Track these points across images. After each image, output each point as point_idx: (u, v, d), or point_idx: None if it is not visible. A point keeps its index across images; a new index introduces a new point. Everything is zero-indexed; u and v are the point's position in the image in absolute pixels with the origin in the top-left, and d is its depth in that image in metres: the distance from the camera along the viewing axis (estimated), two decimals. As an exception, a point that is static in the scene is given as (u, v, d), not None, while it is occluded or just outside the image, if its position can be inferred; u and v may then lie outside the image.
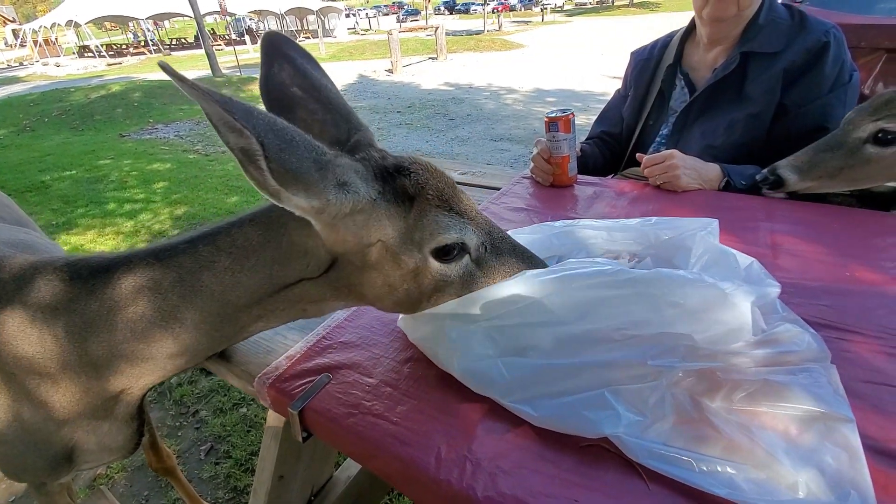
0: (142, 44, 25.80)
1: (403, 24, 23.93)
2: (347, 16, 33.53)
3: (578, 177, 1.31)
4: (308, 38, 25.02)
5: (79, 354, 0.60)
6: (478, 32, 21.76)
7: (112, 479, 1.67)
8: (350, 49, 18.23)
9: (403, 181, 0.56)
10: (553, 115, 1.22)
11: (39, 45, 23.78)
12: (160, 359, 0.61)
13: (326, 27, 25.85)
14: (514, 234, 0.83)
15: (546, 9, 35.49)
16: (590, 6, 42.64)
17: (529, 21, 30.17)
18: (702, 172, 1.18)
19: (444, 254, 0.58)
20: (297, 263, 0.57)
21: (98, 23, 26.04)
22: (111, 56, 22.60)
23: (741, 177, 1.17)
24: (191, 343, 0.60)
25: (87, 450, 0.70)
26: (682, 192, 1.16)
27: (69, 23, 20.32)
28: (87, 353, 0.60)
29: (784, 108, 1.20)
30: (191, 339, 0.60)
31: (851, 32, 1.48)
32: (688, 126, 1.33)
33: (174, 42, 27.90)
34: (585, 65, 11.13)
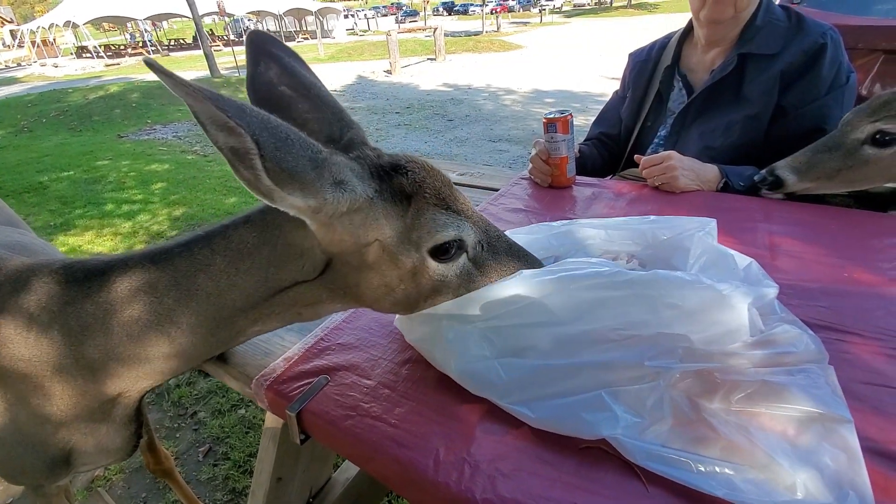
0: (140, 44, 25.76)
1: (402, 25, 23.99)
2: (346, 17, 33.49)
3: (577, 178, 1.31)
4: (306, 39, 25.04)
5: (75, 358, 0.60)
6: (476, 33, 21.78)
7: (110, 481, 1.66)
8: (348, 50, 18.21)
9: (401, 180, 0.56)
10: (551, 116, 1.22)
11: (37, 46, 23.71)
12: (156, 362, 0.60)
13: (325, 28, 25.84)
14: (512, 235, 0.83)
15: (544, 10, 35.54)
16: (588, 7, 42.76)
17: (528, 22, 30.22)
18: (700, 173, 1.18)
19: (442, 253, 0.57)
20: (293, 265, 0.56)
21: (96, 23, 26.00)
22: (109, 57, 22.57)
23: (739, 178, 1.17)
24: (187, 346, 0.60)
25: (85, 452, 0.70)
26: (681, 193, 1.17)
27: (67, 23, 20.27)
28: (84, 357, 0.60)
29: (782, 110, 1.20)
30: (187, 343, 0.59)
31: (849, 33, 1.48)
32: (686, 127, 1.33)
33: (172, 43, 27.88)
34: (583, 66, 11.14)
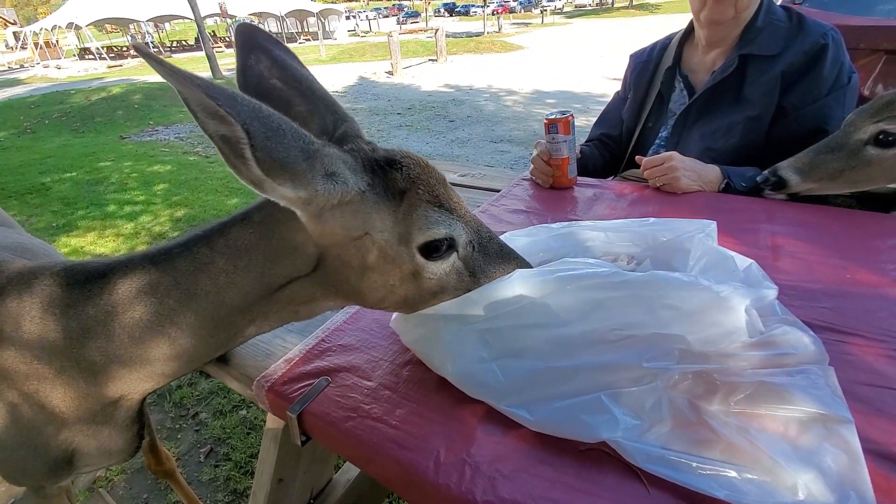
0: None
1: (403, 26, 24.02)
2: (347, 18, 33.58)
3: (578, 178, 1.30)
4: (308, 41, 25.07)
5: (77, 361, 0.60)
6: (478, 34, 21.79)
7: (111, 482, 1.67)
8: (350, 51, 18.24)
9: (395, 174, 0.55)
10: (552, 117, 1.22)
11: (40, 48, 23.79)
12: (158, 364, 0.60)
13: (327, 29, 25.88)
14: (512, 237, 0.83)
15: (546, 11, 35.58)
16: (589, 8, 42.76)
17: (529, 23, 30.21)
18: (701, 174, 1.18)
19: (433, 251, 0.57)
20: (288, 260, 0.56)
21: (99, 25, 26.07)
22: (112, 58, 22.61)
23: (741, 178, 1.17)
24: (188, 348, 0.60)
25: (87, 454, 0.70)
26: (682, 194, 1.16)
27: (70, 25, 20.33)
28: (86, 359, 0.60)
29: (783, 111, 1.19)
30: (188, 344, 0.59)
31: (850, 34, 1.48)
32: (687, 128, 1.33)
33: (175, 44, 27.95)
34: (585, 66, 11.14)
